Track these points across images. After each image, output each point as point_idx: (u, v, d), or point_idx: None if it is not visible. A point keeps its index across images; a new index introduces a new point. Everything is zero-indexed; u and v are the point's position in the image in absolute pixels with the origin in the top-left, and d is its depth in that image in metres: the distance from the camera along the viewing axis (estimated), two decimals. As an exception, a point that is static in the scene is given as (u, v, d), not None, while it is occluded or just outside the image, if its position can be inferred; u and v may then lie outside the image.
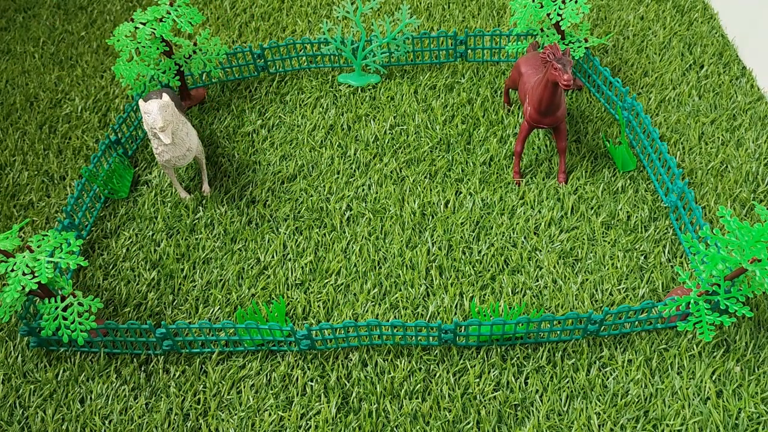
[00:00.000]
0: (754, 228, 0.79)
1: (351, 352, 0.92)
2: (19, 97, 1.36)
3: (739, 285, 0.84)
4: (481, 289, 0.98)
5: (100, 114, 1.32)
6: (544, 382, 0.88)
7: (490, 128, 1.22)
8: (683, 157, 1.16)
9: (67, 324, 0.88)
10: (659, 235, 1.05)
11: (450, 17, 1.46)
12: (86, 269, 1.07)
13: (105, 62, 1.43)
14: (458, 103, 1.26)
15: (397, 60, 1.34)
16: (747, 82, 1.27)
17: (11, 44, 1.49)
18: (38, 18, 1.54)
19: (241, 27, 1.48)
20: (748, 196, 1.08)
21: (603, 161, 1.16)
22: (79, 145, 1.26)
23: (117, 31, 1.16)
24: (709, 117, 1.21)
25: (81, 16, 1.54)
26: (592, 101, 1.26)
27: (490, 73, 1.32)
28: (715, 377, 0.88)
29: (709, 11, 1.42)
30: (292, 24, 1.47)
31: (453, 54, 1.33)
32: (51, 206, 1.17)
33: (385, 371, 0.90)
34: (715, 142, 1.17)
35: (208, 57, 1.23)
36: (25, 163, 1.24)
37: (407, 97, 1.28)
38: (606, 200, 1.09)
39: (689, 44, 1.35)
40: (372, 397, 0.87)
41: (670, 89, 1.27)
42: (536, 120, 1.06)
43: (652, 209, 1.08)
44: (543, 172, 1.14)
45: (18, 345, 0.97)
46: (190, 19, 1.15)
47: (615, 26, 1.40)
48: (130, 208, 1.15)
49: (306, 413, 0.87)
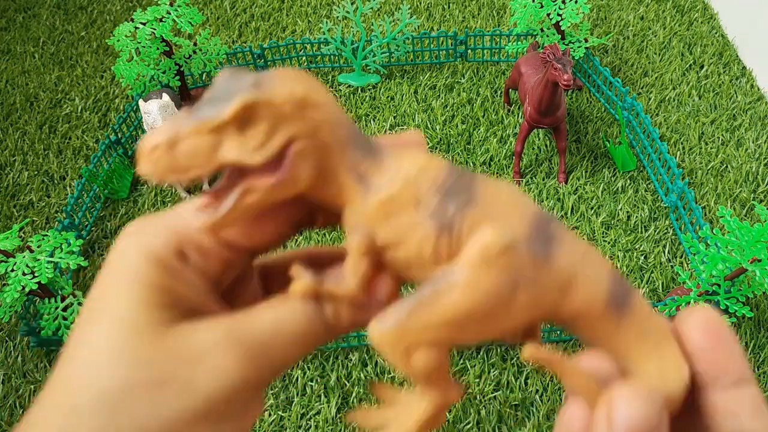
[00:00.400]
0: (754, 228, 0.79)
1: (351, 352, 0.92)
2: (19, 97, 1.36)
3: (739, 285, 0.84)
4: (481, 289, 0.98)
5: (100, 114, 1.32)
6: (544, 382, 0.88)
7: (490, 128, 1.22)
8: (683, 157, 1.15)
9: (68, 324, 0.88)
10: (659, 235, 1.05)
11: (450, 17, 1.46)
12: (86, 269, 1.07)
13: (105, 62, 1.43)
14: (458, 103, 1.26)
15: (397, 60, 1.34)
16: (747, 82, 1.26)
17: (11, 44, 1.48)
18: (38, 18, 1.54)
19: (241, 27, 1.48)
20: (748, 196, 1.08)
21: (603, 161, 1.16)
22: (79, 145, 1.26)
23: (117, 31, 1.16)
24: (709, 117, 1.21)
25: (81, 16, 1.54)
26: (592, 101, 1.26)
27: (490, 73, 1.32)
28: (715, 377, 0.88)
29: (709, 11, 1.42)
30: (292, 24, 1.47)
31: (453, 54, 1.33)
32: (51, 206, 1.16)
33: (386, 371, 0.90)
34: (715, 142, 1.17)
35: (208, 57, 1.23)
36: (25, 163, 1.24)
37: (407, 97, 1.28)
38: (606, 200, 1.09)
39: (689, 44, 1.35)
40: (372, 396, 0.87)
41: (670, 89, 1.27)
42: (536, 120, 1.06)
43: (652, 209, 1.08)
44: (543, 172, 1.14)
45: (18, 345, 0.97)
46: (190, 19, 1.15)
47: (615, 26, 1.40)
48: (130, 209, 1.15)
49: (306, 413, 0.87)
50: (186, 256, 0.32)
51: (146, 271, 0.31)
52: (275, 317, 0.31)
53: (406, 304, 0.30)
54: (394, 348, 0.30)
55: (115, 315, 0.30)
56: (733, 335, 0.31)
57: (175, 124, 0.27)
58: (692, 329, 0.32)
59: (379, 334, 0.30)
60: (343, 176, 0.30)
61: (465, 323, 0.30)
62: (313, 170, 0.30)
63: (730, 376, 0.31)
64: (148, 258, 0.31)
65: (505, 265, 0.30)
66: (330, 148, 0.30)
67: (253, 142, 0.28)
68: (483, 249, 0.29)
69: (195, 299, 0.32)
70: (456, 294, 0.30)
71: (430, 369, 0.31)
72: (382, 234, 0.31)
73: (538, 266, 0.30)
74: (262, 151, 0.28)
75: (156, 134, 0.27)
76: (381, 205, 0.30)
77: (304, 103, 0.29)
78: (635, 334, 0.32)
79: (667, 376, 0.31)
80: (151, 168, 0.28)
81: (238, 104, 0.27)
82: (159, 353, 0.29)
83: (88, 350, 0.30)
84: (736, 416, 0.30)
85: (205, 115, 0.27)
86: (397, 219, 0.30)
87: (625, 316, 0.32)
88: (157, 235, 0.32)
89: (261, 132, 0.28)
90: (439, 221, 0.30)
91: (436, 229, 0.30)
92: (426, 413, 0.33)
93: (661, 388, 0.30)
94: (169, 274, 0.31)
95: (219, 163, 0.28)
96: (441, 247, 0.30)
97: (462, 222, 0.30)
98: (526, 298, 0.30)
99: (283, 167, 0.28)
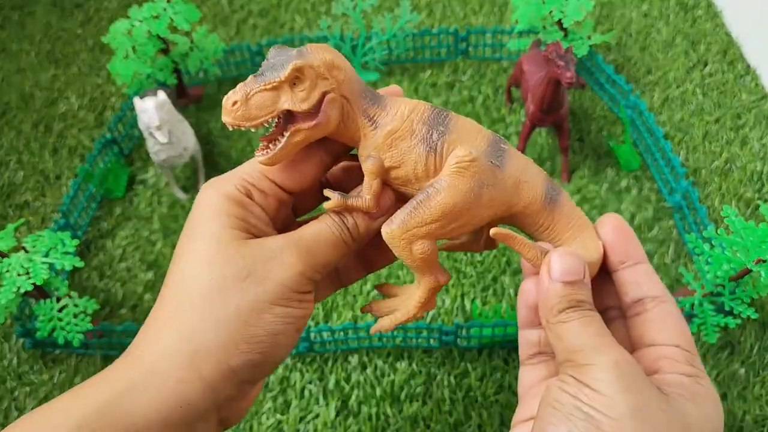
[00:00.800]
0: (759, 228, 0.78)
1: (350, 355, 0.91)
2: (14, 95, 1.35)
3: (744, 286, 0.83)
4: (482, 291, 0.97)
5: (96, 113, 1.30)
6: (547, 385, 0.87)
7: (491, 126, 1.20)
8: (687, 156, 1.14)
9: (63, 325, 0.87)
10: (663, 236, 1.03)
11: (451, 14, 1.44)
12: (82, 270, 1.05)
13: (101, 60, 1.41)
14: (459, 101, 1.25)
15: (397, 57, 1.32)
16: (751, 81, 1.25)
17: (6, 42, 1.47)
18: (33, 16, 1.53)
19: (239, 24, 1.47)
20: (753, 195, 1.07)
21: (606, 160, 1.14)
22: (75, 144, 1.25)
23: (113, 28, 1.14)
24: (714, 115, 1.20)
25: (77, 13, 1.53)
26: (595, 99, 1.25)
27: (492, 71, 1.31)
28: (719, 379, 0.87)
29: (713, 9, 1.40)
30: (291, 21, 1.46)
31: (454, 51, 1.32)
32: (47, 206, 1.15)
33: (385, 374, 0.89)
34: (720, 140, 1.16)
35: (205, 54, 1.22)
36: (20, 163, 1.23)
37: (408, 94, 1.26)
38: (610, 200, 1.08)
39: (693, 42, 1.34)
40: (372, 399, 0.86)
41: (674, 87, 1.25)
42: (539, 118, 1.05)
43: (656, 209, 1.07)
44: (546, 170, 1.13)
45: (14, 347, 0.96)
46: (187, 16, 1.14)
47: (618, 23, 1.39)
48: (126, 208, 1.13)
49: (305, 416, 0.86)
50: (251, 194, 0.45)
51: (225, 205, 0.44)
52: (315, 229, 0.45)
53: (407, 208, 0.44)
54: (399, 241, 0.43)
55: (207, 233, 0.43)
56: (633, 232, 0.49)
57: (245, 85, 0.39)
58: (605, 230, 0.49)
59: (390, 231, 0.44)
60: (359, 118, 0.42)
61: (448, 218, 0.44)
62: (339, 115, 0.42)
63: (631, 259, 0.49)
64: (225, 196, 0.44)
65: (473, 171, 0.43)
66: (350, 98, 0.42)
67: (301, 95, 0.39)
68: (458, 161, 0.43)
69: (260, 226, 0.45)
70: (441, 195, 0.43)
71: (425, 256, 0.44)
72: (388, 158, 0.43)
73: (495, 172, 0.45)
74: (307, 102, 0.40)
75: (233, 93, 0.39)
76: (387, 136, 0.43)
77: (332, 66, 0.40)
78: (564, 223, 0.48)
79: (588, 248, 0.47)
80: (230, 118, 0.39)
81: (290, 67, 0.38)
82: (242, 256, 0.42)
83: (191, 257, 0.43)
84: (638, 284, 0.48)
85: (267, 77, 0.39)
86: (398, 146, 0.43)
87: (556, 209, 0.48)
88: (228, 181, 0.45)
89: (306, 88, 0.39)
90: (428, 145, 0.43)
91: (425, 151, 0.43)
92: (423, 296, 0.49)
93: (584, 255, 0.45)
94: (241, 207, 0.44)
95: (278, 111, 0.39)
96: (429, 165, 0.44)
97: (443, 145, 0.43)
98: (489, 197, 0.44)
99: (321, 113, 0.40)
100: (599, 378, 0.41)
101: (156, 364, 0.41)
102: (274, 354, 0.44)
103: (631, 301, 0.50)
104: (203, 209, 0.45)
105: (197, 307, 0.42)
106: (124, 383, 0.41)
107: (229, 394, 0.43)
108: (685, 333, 0.48)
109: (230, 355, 0.42)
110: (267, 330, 0.43)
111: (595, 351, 0.43)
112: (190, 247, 0.44)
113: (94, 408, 0.39)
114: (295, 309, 0.45)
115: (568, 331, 0.44)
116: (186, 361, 0.41)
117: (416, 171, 0.44)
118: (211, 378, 0.42)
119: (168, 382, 0.41)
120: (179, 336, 0.42)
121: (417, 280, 0.49)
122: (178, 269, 0.44)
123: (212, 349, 0.41)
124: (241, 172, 0.46)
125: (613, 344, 0.44)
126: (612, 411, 0.39)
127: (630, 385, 0.41)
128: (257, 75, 0.39)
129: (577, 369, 0.43)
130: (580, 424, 0.40)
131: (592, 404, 0.40)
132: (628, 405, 0.39)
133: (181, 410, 0.41)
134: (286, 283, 0.43)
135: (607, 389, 0.41)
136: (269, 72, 0.39)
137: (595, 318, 0.46)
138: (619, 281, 0.51)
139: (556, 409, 0.42)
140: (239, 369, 0.43)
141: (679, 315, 0.50)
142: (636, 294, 0.49)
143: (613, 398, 0.40)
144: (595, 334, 0.44)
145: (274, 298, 0.43)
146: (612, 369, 0.41)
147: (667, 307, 0.49)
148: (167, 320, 0.42)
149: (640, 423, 0.39)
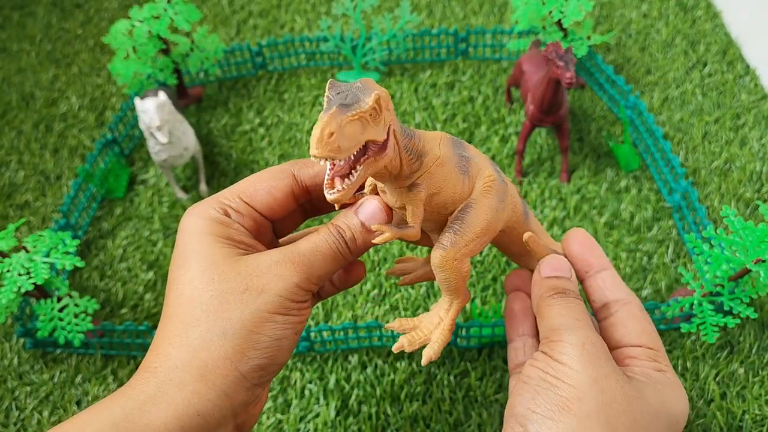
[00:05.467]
0: (758, 228, 0.78)
1: (350, 354, 0.91)
2: (14, 95, 1.35)
3: (743, 286, 0.83)
4: (482, 291, 0.97)
5: (96, 113, 1.31)
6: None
7: (491, 127, 1.20)
8: (686, 156, 1.14)
9: (63, 325, 0.87)
10: (663, 236, 1.03)
11: (451, 14, 1.44)
12: (82, 270, 1.05)
13: (102, 60, 1.42)
14: (459, 101, 1.25)
15: (397, 57, 1.32)
16: (751, 81, 1.25)
17: (7, 42, 1.47)
18: (34, 16, 1.53)
19: (239, 24, 1.47)
20: (752, 195, 1.07)
21: (606, 160, 1.14)
22: (76, 144, 1.25)
23: (113, 28, 1.14)
24: (713, 116, 1.20)
25: (77, 13, 1.53)
26: (595, 100, 1.25)
27: (492, 71, 1.31)
28: (719, 379, 0.87)
29: (713, 9, 1.41)
30: (291, 21, 1.46)
31: (454, 52, 1.32)
32: (47, 206, 1.15)
33: (385, 373, 0.89)
34: (719, 141, 1.16)
35: (205, 55, 1.22)
36: (21, 163, 1.23)
37: (407, 95, 1.27)
38: (609, 200, 1.08)
39: (693, 42, 1.34)
40: (372, 399, 0.86)
41: (674, 87, 1.26)
42: (538, 118, 1.05)
43: (656, 209, 1.07)
44: (545, 171, 1.13)
45: (14, 346, 0.96)
46: (187, 16, 1.14)
47: (618, 24, 1.39)
48: (127, 208, 1.13)
49: (305, 416, 0.86)
50: (229, 215, 0.48)
51: (208, 226, 0.47)
52: (313, 242, 0.47)
53: (452, 231, 0.47)
54: (452, 262, 0.47)
55: (198, 254, 0.46)
56: (596, 243, 0.59)
57: (333, 116, 0.37)
58: (571, 245, 0.58)
59: (444, 254, 0.47)
60: (401, 150, 0.43)
61: (486, 233, 0.49)
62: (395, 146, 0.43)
63: (595, 267, 0.57)
64: (206, 218, 0.47)
65: (496, 189, 0.49)
66: (397, 130, 0.43)
67: (380, 126, 0.40)
68: (485, 181, 0.49)
69: (246, 241, 0.48)
70: (481, 213, 0.48)
71: (468, 273, 0.49)
72: (429, 186, 0.45)
73: (506, 189, 0.52)
74: (383, 133, 0.40)
75: (325, 124, 0.37)
76: (428, 165, 0.45)
77: (388, 99, 0.41)
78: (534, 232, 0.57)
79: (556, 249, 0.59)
80: (324, 150, 0.37)
81: (373, 98, 0.38)
82: (237, 271, 0.45)
83: (187, 278, 0.46)
84: (602, 290, 0.56)
85: (354, 108, 0.38)
86: (438, 172, 0.46)
87: (528, 223, 0.57)
88: (208, 205, 0.49)
89: (382, 119, 0.40)
90: (460, 169, 0.47)
91: (461, 176, 0.47)
92: (456, 312, 0.53)
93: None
94: (223, 225, 0.47)
95: (363, 141, 0.39)
96: (465, 187, 0.48)
97: (470, 168, 0.48)
98: (503, 211, 0.51)
99: (389, 145, 0.41)
100: (566, 353, 0.47)
101: (170, 378, 0.43)
102: (279, 356, 0.47)
103: (599, 307, 0.56)
104: (189, 233, 0.47)
105: (202, 322, 0.44)
106: (141, 397, 0.43)
107: (243, 400, 0.46)
108: (647, 332, 0.53)
109: (239, 362, 0.44)
110: (271, 336, 0.45)
111: (569, 330, 0.48)
112: (185, 269, 0.46)
113: (112, 422, 0.41)
114: (294, 316, 0.47)
115: (551, 310, 0.51)
116: (198, 372, 0.43)
117: (454, 194, 0.47)
118: (224, 386, 0.44)
119: (183, 392, 0.43)
120: (189, 350, 0.44)
121: (444, 302, 0.53)
122: (179, 292, 0.46)
123: (221, 359, 0.44)
124: (219, 196, 0.50)
125: (587, 326, 0.49)
126: (573, 380, 0.44)
127: (592, 360, 0.46)
128: (338, 106, 0.37)
129: (550, 345, 0.48)
130: (543, 392, 0.45)
131: (556, 375, 0.46)
132: (588, 375, 0.44)
133: (199, 418, 0.43)
134: (283, 294, 0.46)
135: (570, 361, 0.46)
136: (350, 104, 0.38)
137: (578, 304, 0.52)
138: (587, 290, 0.57)
139: (525, 383, 0.48)
140: (249, 374, 0.45)
141: (641, 315, 0.54)
142: (601, 299, 0.56)
143: (574, 369, 0.45)
144: (574, 317, 0.50)
145: (273, 308, 0.45)
146: (578, 346, 0.46)
147: (630, 309, 0.54)
148: (175, 337, 0.45)
149: (598, 393, 0.43)
